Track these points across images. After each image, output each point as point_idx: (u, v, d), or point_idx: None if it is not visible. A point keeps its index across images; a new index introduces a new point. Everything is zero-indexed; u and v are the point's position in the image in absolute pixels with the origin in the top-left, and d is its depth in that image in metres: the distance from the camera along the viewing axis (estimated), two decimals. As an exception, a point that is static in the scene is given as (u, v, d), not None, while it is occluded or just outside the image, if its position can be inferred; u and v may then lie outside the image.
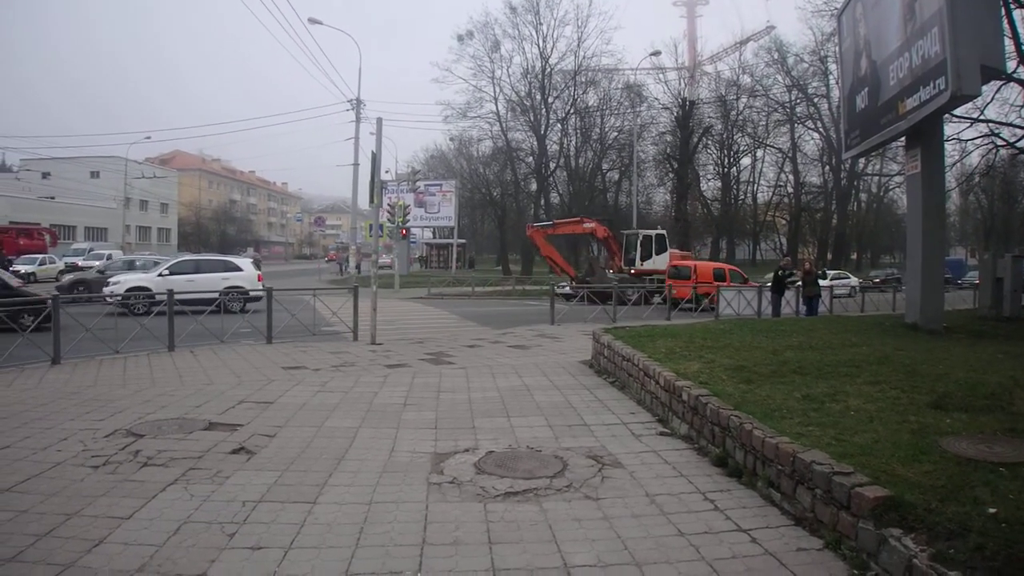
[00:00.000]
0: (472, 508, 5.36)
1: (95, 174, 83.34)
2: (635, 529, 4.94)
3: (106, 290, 22.28)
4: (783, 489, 5.22)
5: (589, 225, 38.10)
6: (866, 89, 14.62)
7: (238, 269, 25.22)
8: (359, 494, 5.71)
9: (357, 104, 46.67)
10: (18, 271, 40.90)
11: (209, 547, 4.70)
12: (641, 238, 35.85)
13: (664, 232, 37.56)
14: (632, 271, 34.59)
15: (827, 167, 68.61)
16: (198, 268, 24.75)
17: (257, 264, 27.47)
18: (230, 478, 6.11)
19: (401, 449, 7.05)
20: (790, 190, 71.75)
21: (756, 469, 5.66)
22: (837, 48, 22.76)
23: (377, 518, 5.20)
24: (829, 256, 67.04)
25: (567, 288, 30.98)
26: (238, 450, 6.98)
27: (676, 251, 38.35)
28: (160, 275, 23.70)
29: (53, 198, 75.94)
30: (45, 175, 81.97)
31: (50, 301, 13.06)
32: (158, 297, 18.37)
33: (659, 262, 34.39)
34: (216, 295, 18.65)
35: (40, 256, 46.79)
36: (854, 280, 43.46)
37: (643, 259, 35.00)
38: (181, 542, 4.78)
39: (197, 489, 5.81)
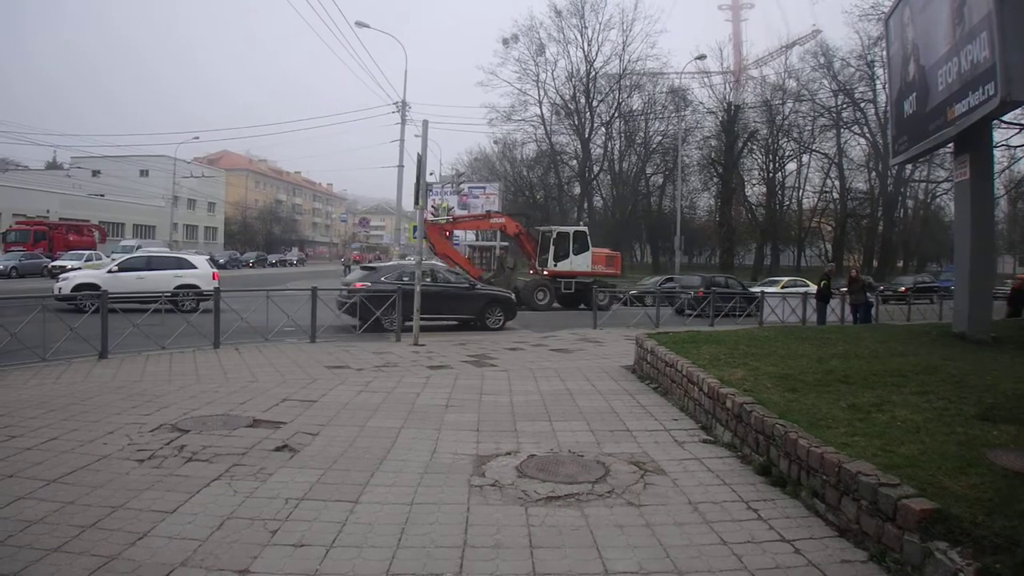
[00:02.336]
0: (513, 512, 5.35)
1: (144, 173, 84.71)
2: (677, 537, 4.90)
3: (55, 287, 21.94)
4: (828, 499, 5.14)
5: (497, 221, 35.03)
6: (914, 94, 14.38)
7: (192, 267, 24.28)
8: (401, 495, 5.72)
9: (403, 106, 46.88)
10: (64, 266, 41.69)
11: (252, 543, 4.74)
12: (555, 236, 32.17)
13: (585, 229, 33.45)
14: (545, 272, 31.43)
15: (873, 173, 67.65)
16: (150, 265, 23.90)
17: (214, 262, 26.50)
18: (273, 475, 6.15)
19: (443, 451, 7.05)
20: (836, 196, 70.86)
21: (800, 479, 5.57)
22: (884, 52, 22.44)
23: (418, 519, 5.20)
24: (875, 264, 66.11)
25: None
26: (281, 448, 7.03)
27: (602, 250, 34.32)
28: (109, 271, 23.09)
29: (103, 195, 77.34)
30: (95, 173, 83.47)
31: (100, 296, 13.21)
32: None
33: (578, 263, 31.41)
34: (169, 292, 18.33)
35: (87, 252, 47.54)
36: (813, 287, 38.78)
37: (558, 259, 31.39)
38: (224, 537, 4.82)
39: (241, 485, 5.86)
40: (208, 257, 26.98)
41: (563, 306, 30.70)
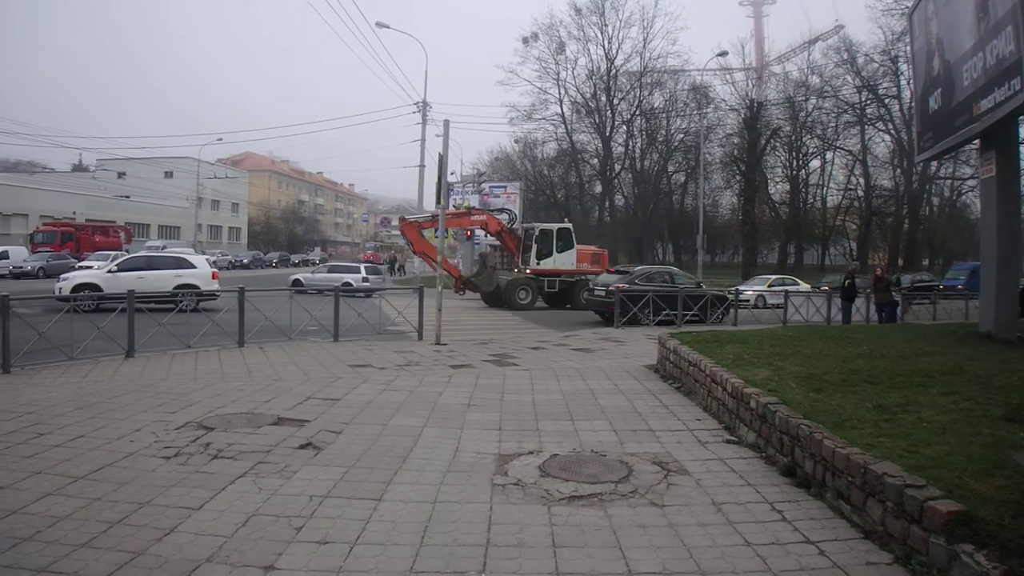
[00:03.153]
0: (536, 511, 5.35)
1: (169, 174, 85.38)
2: (701, 538, 4.89)
3: (55, 287, 22.18)
4: (853, 501, 5.11)
5: (478, 218, 33.62)
6: (939, 90, 14.25)
7: (192, 266, 24.29)
8: (424, 493, 5.74)
9: (423, 106, 47.00)
10: (90, 267, 42.10)
11: (277, 540, 4.77)
12: (538, 233, 31.14)
13: (570, 226, 32.19)
14: (528, 271, 30.50)
15: (898, 170, 66.91)
16: (150, 265, 24.03)
17: (210, 263, 26.11)
18: (297, 473, 6.20)
19: (465, 449, 7.07)
20: (860, 194, 70.18)
21: (825, 480, 5.54)
22: (909, 48, 22.23)
23: (441, 517, 5.22)
24: (900, 262, 65.47)
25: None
26: (305, 445, 7.08)
27: (588, 248, 33.29)
28: (109, 271, 23.23)
29: (128, 197, 78.12)
30: (121, 175, 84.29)
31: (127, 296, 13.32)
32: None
33: (563, 260, 30.41)
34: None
35: (113, 252, 47.97)
36: (804, 287, 33.96)
37: (541, 257, 30.38)
38: (249, 534, 4.86)
39: (265, 483, 5.91)
40: (211, 257, 27.09)
41: (549, 305, 30.37)
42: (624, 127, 70.49)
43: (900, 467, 4.83)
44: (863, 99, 65.17)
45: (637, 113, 69.94)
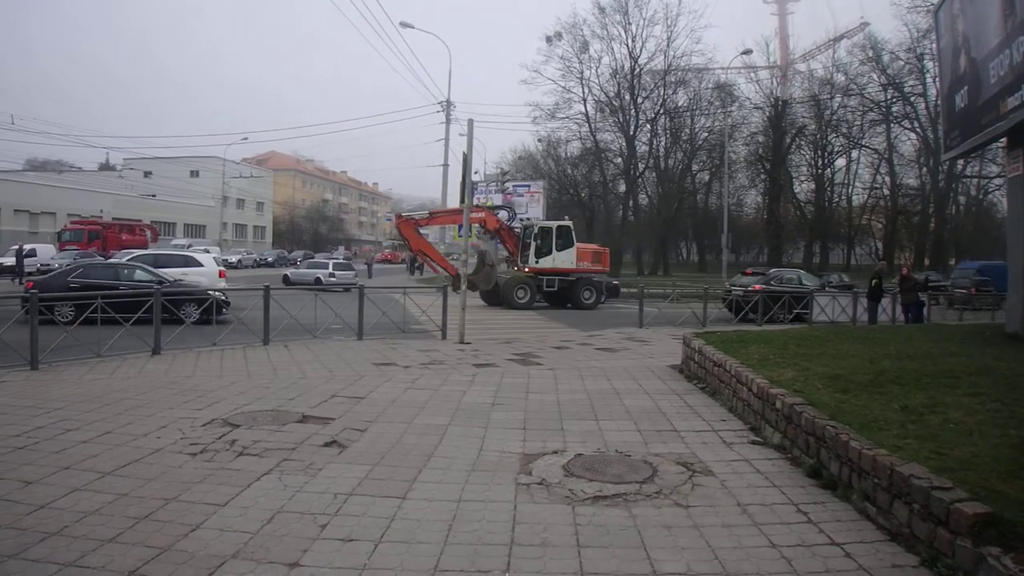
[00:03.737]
0: (561, 510, 5.33)
1: (195, 173, 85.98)
2: (726, 539, 4.85)
3: None
4: (879, 503, 5.05)
5: (476, 215, 31.16)
6: (965, 88, 14.08)
7: (198, 264, 24.25)
8: (448, 492, 5.74)
9: (447, 106, 47.22)
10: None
11: (302, 537, 4.79)
12: (537, 231, 30.48)
13: (569, 224, 31.34)
14: (527, 269, 29.79)
15: (924, 169, 66.28)
16: (157, 263, 23.58)
17: (217, 261, 26.24)
18: (322, 470, 6.22)
19: (490, 448, 7.07)
20: (886, 192, 69.63)
21: (851, 481, 5.48)
22: (934, 45, 22.01)
23: (466, 516, 5.22)
24: (927, 261, 64.81)
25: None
26: (330, 443, 7.10)
27: (589, 246, 32.61)
28: None
29: (154, 196, 78.72)
30: (147, 174, 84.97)
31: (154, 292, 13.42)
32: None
33: (562, 259, 29.61)
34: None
35: (139, 251, 48.37)
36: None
37: (540, 255, 29.64)
38: (275, 531, 4.88)
39: (291, 480, 5.93)
40: (215, 256, 26.49)
41: (550, 304, 29.95)
42: (648, 126, 70.14)
43: (927, 469, 4.78)
44: (888, 97, 64.63)
45: (661, 112, 69.60)
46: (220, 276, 23.72)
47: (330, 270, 39.19)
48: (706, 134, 70.51)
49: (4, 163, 68.58)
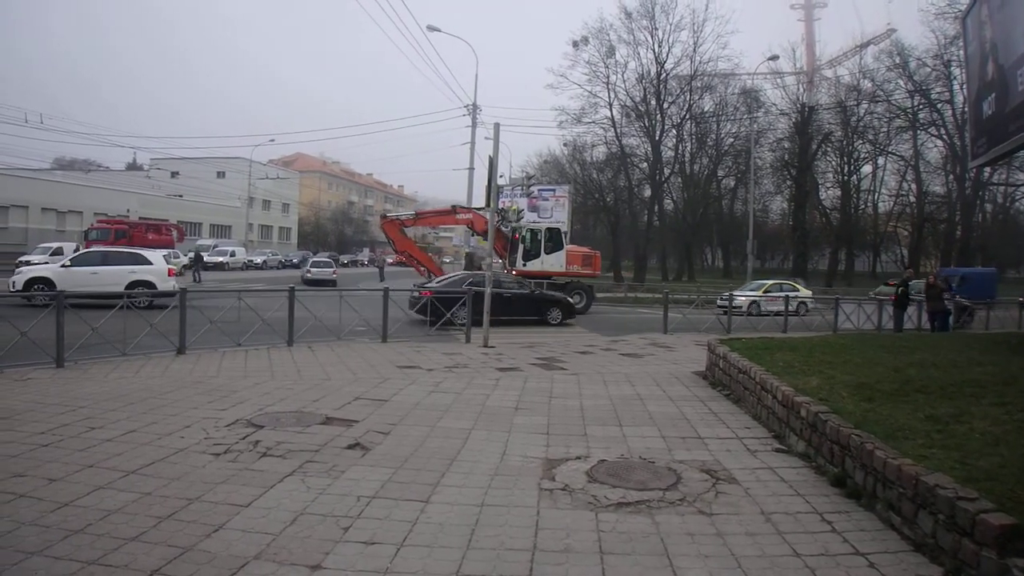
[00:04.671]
0: (584, 517, 5.31)
1: (221, 174, 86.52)
2: (749, 547, 4.81)
3: (9, 281, 22.19)
4: (904, 513, 4.99)
5: (464, 216, 32.01)
6: (993, 94, 13.90)
7: (148, 263, 23.67)
8: (471, 496, 5.73)
9: (474, 109, 47.19)
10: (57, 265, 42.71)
11: (324, 539, 4.79)
12: (525, 233, 30.02)
13: (559, 226, 31.45)
14: (514, 272, 28.99)
15: (951, 176, 65.58)
16: (105, 260, 23.38)
17: (168, 258, 25.64)
18: (345, 473, 6.22)
19: (513, 453, 7.05)
20: (912, 199, 68.97)
21: (876, 491, 5.42)
22: (962, 52, 21.76)
23: (488, 521, 5.20)
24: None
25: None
26: (353, 445, 7.10)
27: (579, 249, 32.29)
28: (63, 266, 22.74)
29: (181, 196, 79.34)
30: (174, 174, 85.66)
31: (178, 294, 13.49)
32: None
33: (551, 262, 29.19)
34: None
35: (165, 251, 48.71)
36: (804, 293, 32.79)
37: (528, 258, 29.22)
38: (297, 533, 4.88)
39: (314, 482, 5.94)
40: (164, 254, 26.11)
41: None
42: (674, 131, 69.82)
43: (952, 479, 4.72)
44: (915, 104, 63.93)
45: (687, 117, 69.28)
46: (169, 275, 23.45)
47: (308, 267, 49.02)
48: (732, 140, 70.24)
49: (33, 162, 69.39)
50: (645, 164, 69.60)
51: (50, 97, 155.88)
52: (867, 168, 71.92)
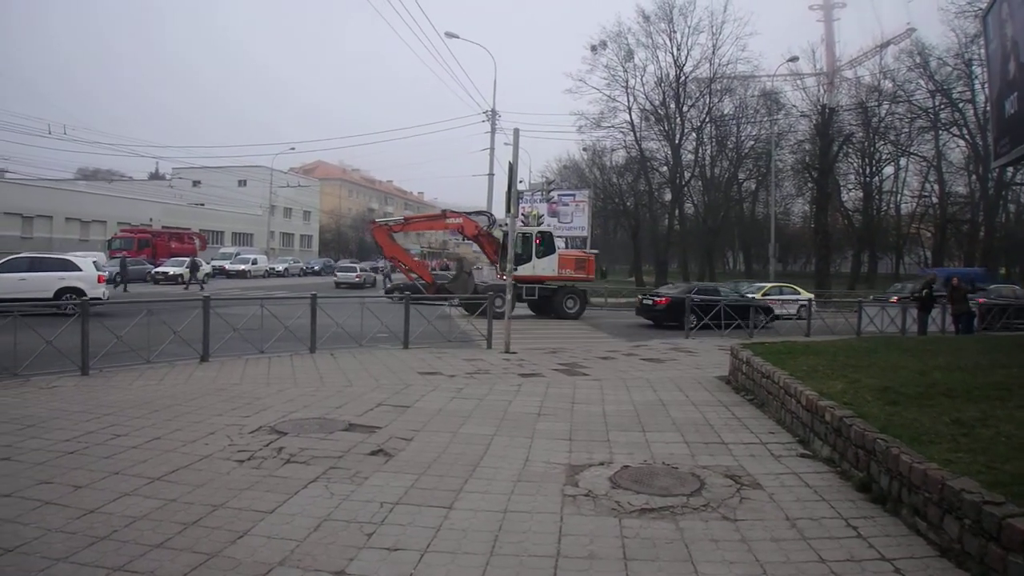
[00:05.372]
0: (607, 523, 5.30)
1: (242, 183, 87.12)
2: (774, 553, 4.78)
3: None
4: (929, 518, 4.96)
5: (454, 221, 31.18)
6: (1015, 93, 13.76)
7: (76, 269, 23.24)
8: (494, 502, 5.73)
9: (492, 115, 47.27)
10: (166, 272, 43.25)
11: (348, 545, 4.80)
12: (516, 237, 28.08)
13: (550, 230, 30.59)
14: (502, 276, 26.84)
15: (974, 176, 64.93)
16: (32, 266, 22.90)
17: (97, 265, 24.98)
18: (368, 479, 6.24)
19: (535, 459, 7.04)
20: (935, 200, 68.32)
21: (902, 496, 5.38)
22: (983, 50, 21.56)
23: (512, 527, 5.20)
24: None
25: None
26: (376, 452, 7.13)
27: (572, 252, 31.72)
28: None
29: (203, 205, 79.94)
30: (195, 183, 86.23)
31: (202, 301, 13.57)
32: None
33: (543, 266, 28.27)
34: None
35: (188, 258, 49.14)
36: (805, 295, 31.60)
37: (519, 262, 27.17)
38: (321, 539, 4.90)
39: (337, 488, 5.96)
40: (95, 259, 25.67)
41: (536, 314, 28.94)
42: (694, 134, 69.44)
43: (978, 483, 4.68)
44: (936, 104, 63.26)
45: (707, 120, 68.91)
46: (99, 281, 23.34)
47: (336, 271, 55.79)
48: (752, 142, 69.75)
49: (56, 172, 69.93)
50: (665, 168, 69.35)
51: (72, 108, 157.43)
52: (889, 169, 71.29)
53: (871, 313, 22.88)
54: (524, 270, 27.82)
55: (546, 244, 29.10)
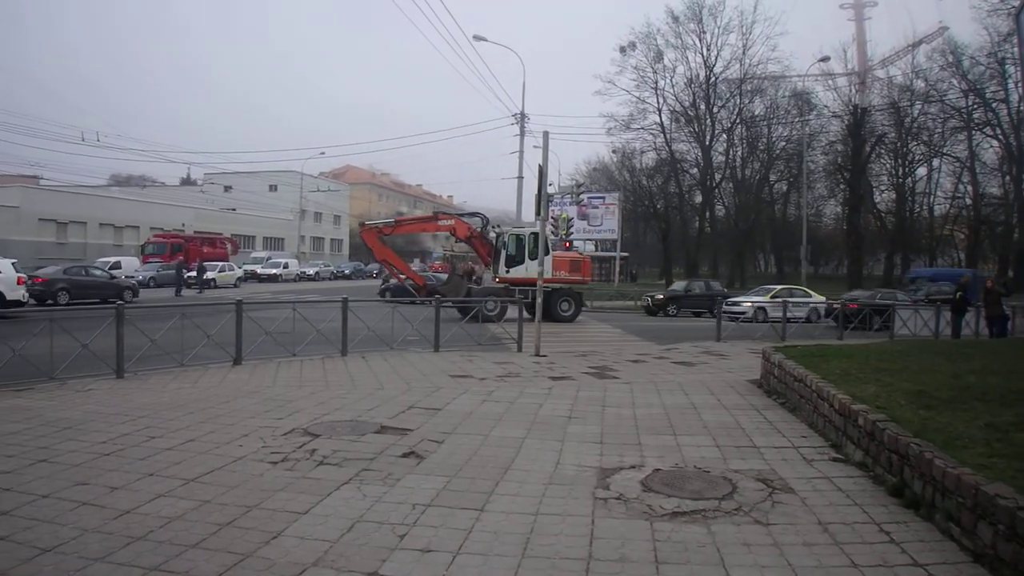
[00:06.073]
0: (638, 526, 5.28)
1: (273, 187, 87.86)
2: (806, 557, 4.75)
3: None
4: (963, 523, 4.89)
5: (446, 223, 30.63)
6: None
7: None
8: (525, 504, 5.73)
9: (521, 118, 47.26)
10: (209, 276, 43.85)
11: (381, 546, 4.83)
12: (507, 238, 28.54)
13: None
14: (496, 279, 28.53)
15: (1007, 177, 64.02)
16: None
17: (15, 267, 24.58)
18: (401, 481, 6.27)
19: (566, 462, 7.03)
20: (968, 202, 67.40)
21: (935, 501, 5.32)
22: (1016, 49, 21.30)
23: (543, 530, 5.20)
24: (1011, 273, 62.42)
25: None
26: (408, 454, 7.15)
27: (567, 254, 31.24)
28: None
29: (234, 209, 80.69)
30: (227, 188, 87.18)
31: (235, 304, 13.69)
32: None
33: (535, 268, 26.26)
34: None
35: (220, 264, 49.63)
36: (817, 299, 31.00)
37: (511, 264, 27.95)
38: (354, 540, 4.93)
39: (369, 490, 5.99)
40: (13, 262, 25.13)
41: (533, 317, 28.43)
42: (724, 136, 69.26)
43: (1013, 488, 4.61)
44: (969, 103, 62.44)
45: (737, 121, 68.67)
46: (18, 283, 23.29)
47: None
48: (783, 143, 69.41)
49: (90, 179, 71.06)
50: (695, 170, 69.12)
51: (105, 115, 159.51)
52: (922, 170, 70.55)
53: (904, 316, 22.67)
54: (517, 272, 27.72)
55: (536, 247, 27.05)
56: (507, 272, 28.12)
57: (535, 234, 27.66)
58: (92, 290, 30.31)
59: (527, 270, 27.38)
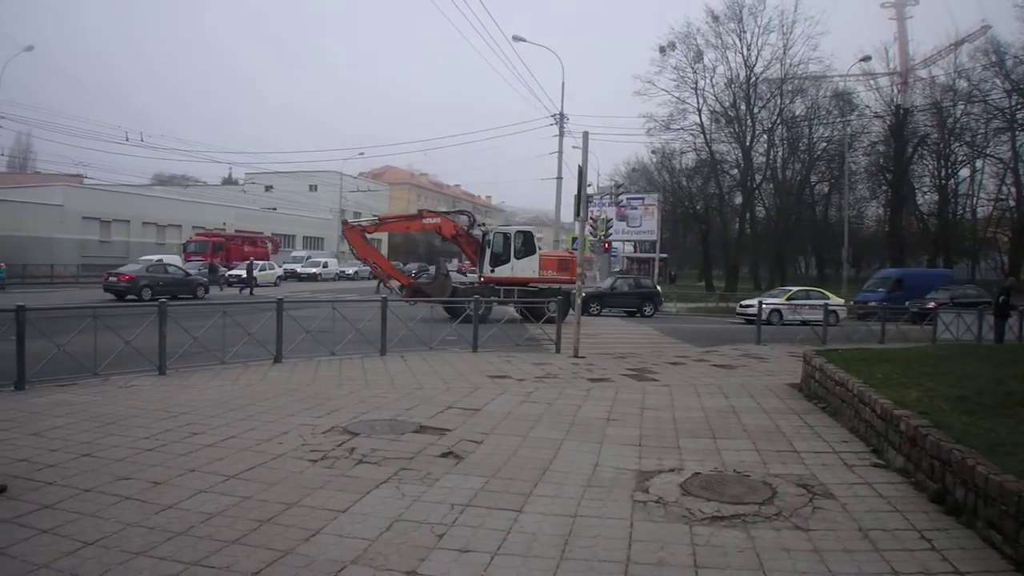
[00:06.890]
0: (677, 530, 5.26)
1: (313, 187, 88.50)
2: (846, 564, 4.70)
3: None
4: (1005, 531, 4.81)
5: (431, 221, 29.94)
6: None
7: None
8: (563, 506, 5.72)
9: (560, 119, 47.10)
10: (239, 275, 44.24)
11: (419, 546, 4.85)
12: (493, 237, 28.24)
13: (530, 230, 29.66)
14: (481, 279, 28.08)
15: (1050, 178, 62.68)
16: None
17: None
18: (439, 480, 6.29)
19: (605, 464, 7.01)
20: (1012, 204, 66.08)
21: (977, 508, 5.23)
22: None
23: (581, 532, 5.19)
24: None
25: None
26: (447, 454, 7.17)
27: (554, 253, 31.08)
28: None
29: (275, 209, 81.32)
30: (268, 188, 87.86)
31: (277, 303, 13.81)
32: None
33: (522, 268, 27.41)
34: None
35: (261, 262, 50.06)
36: (835, 300, 30.69)
37: (497, 263, 27.51)
38: (393, 539, 4.96)
39: (408, 489, 6.02)
40: None
41: (523, 317, 28.16)
42: (765, 136, 68.50)
43: (1055, 497, 4.54)
44: (1013, 103, 61.22)
45: (778, 121, 67.88)
46: None
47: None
48: (825, 144, 68.50)
49: (134, 178, 72.01)
50: (735, 170, 68.44)
51: (150, 115, 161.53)
52: (965, 171, 69.29)
53: (947, 320, 22.35)
54: (503, 271, 27.44)
55: (526, 245, 28.11)
56: (492, 271, 27.73)
57: (521, 232, 28.37)
58: (171, 287, 32.60)
59: (512, 269, 27.37)
